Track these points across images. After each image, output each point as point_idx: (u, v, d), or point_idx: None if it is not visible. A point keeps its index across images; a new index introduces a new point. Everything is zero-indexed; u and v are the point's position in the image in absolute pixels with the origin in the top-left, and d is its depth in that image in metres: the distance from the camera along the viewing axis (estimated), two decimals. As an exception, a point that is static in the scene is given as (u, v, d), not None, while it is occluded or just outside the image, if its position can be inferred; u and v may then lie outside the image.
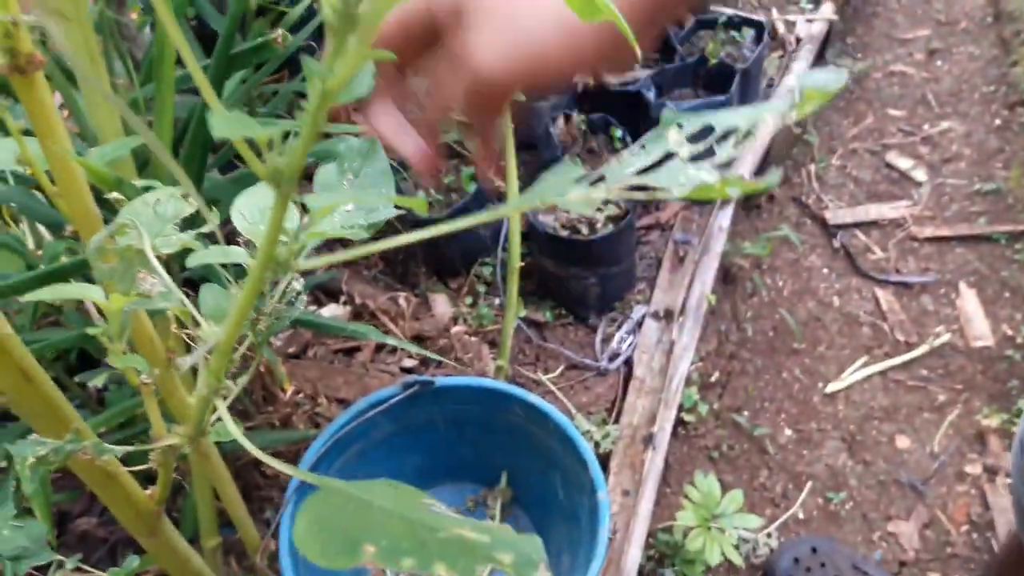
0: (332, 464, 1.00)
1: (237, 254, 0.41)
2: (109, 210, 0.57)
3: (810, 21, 2.04)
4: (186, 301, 0.39)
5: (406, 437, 1.06)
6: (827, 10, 2.12)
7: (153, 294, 0.38)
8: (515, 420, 1.04)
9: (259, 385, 1.11)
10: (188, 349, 0.92)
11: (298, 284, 0.45)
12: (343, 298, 1.42)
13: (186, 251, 0.41)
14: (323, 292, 1.45)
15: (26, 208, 0.84)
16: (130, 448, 0.45)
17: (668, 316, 1.36)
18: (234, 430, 0.48)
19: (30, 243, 0.94)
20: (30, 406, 0.42)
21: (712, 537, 1.18)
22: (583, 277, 1.34)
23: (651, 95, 1.43)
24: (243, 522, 0.90)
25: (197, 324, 0.45)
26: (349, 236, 0.44)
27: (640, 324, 1.37)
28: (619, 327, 1.39)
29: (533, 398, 1.00)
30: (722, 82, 1.53)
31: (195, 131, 0.70)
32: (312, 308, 1.42)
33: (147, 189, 0.59)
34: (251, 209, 0.42)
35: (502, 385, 1.02)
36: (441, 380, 1.01)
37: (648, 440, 1.23)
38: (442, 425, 1.07)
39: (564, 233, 1.31)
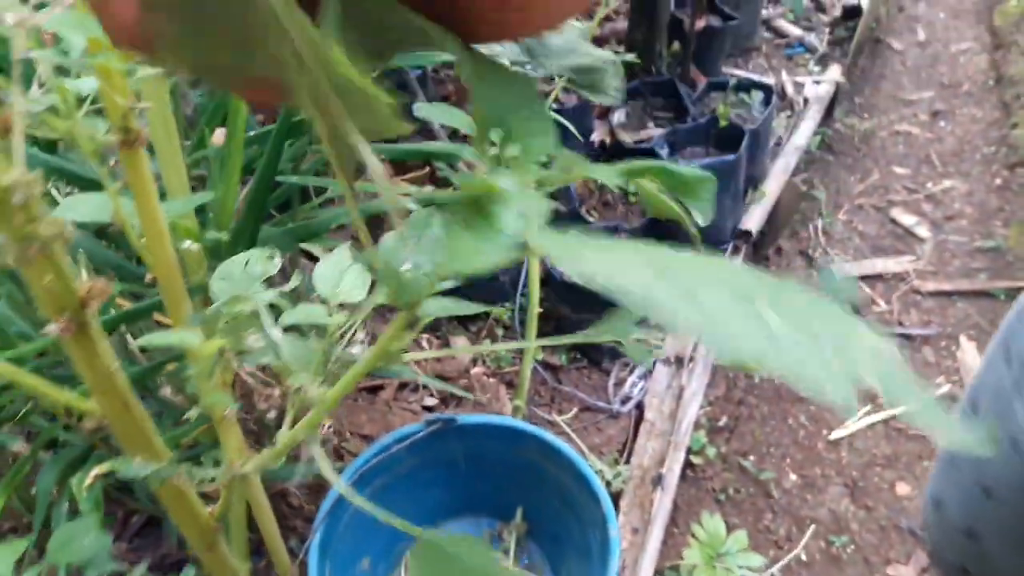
0: (363, 489, 1.07)
1: (319, 314, 0.49)
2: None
3: (818, 83, 2.14)
4: (280, 353, 0.47)
5: (427, 472, 1.13)
6: (834, 72, 2.22)
7: (255, 348, 0.45)
8: (531, 457, 1.10)
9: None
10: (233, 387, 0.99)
11: (360, 333, 0.52)
12: (367, 339, 1.50)
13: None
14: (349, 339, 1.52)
15: (92, 254, 0.93)
16: (209, 472, 0.53)
17: (679, 362, 1.42)
18: (327, 470, 0.55)
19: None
20: (127, 431, 0.50)
21: (717, 574, 1.23)
22: (596, 322, 1.41)
23: (664, 152, 1.52)
24: (277, 547, 0.96)
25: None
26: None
27: (651, 370, 1.44)
28: (631, 372, 1.46)
29: (549, 436, 1.07)
30: (732, 142, 1.62)
31: (257, 185, 0.79)
32: (339, 347, 1.50)
33: (218, 244, 0.68)
34: (330, 272, 0.50)
35: (520, 424, 1.09)
36: (462, 418, 1.09)
37: (657, 481, 1.29)
38: (462, 461, 1.13)
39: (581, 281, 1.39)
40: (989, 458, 0.68)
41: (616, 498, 1.32)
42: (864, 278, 1.94)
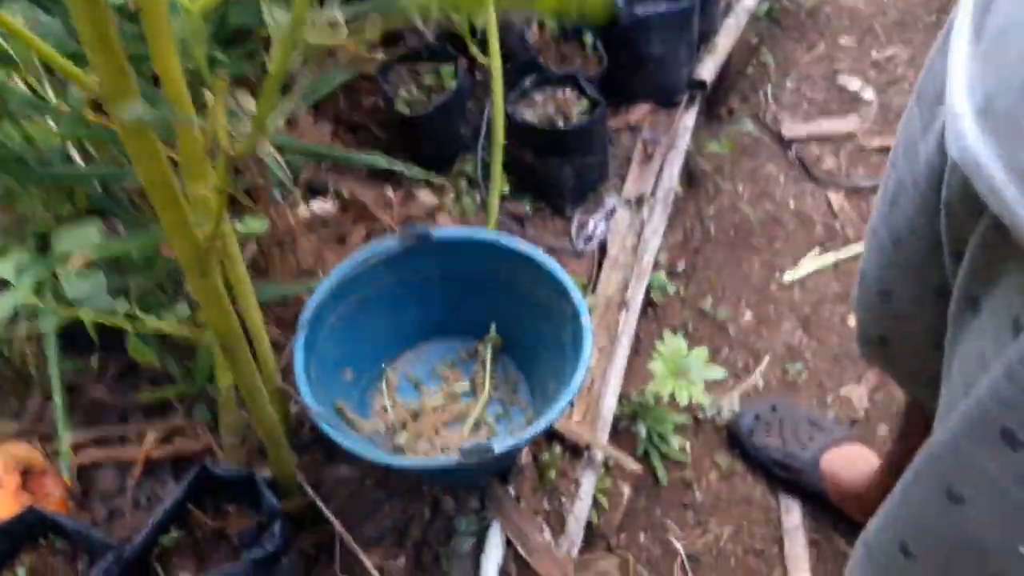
0: (336, 307, 1.11)
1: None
2: None
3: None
4: None
5: (404, 290, 1.18)
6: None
7: None
8: (505, 268, 1.15)
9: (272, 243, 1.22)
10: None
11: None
12: (330, 194, 1.53)
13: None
14: (311, 189, 1.55)
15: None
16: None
17: (639, 202, 1.48)
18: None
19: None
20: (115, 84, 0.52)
21: (680, 385, 1.31)
22: (560, 167, 1.46)
23: (620, 2, 1.56)
24: (262, 341, 1.01)
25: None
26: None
27: (613, 212, 1.50)
28: (592, 216, 1.52)
29: (522, 245, 1.12)
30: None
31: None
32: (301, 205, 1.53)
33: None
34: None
35: (492, 235, 1.14)
36: (439, 231, 1.13)
37: (622, 305, 1.36)
38: (437, 279, 1.18)
39: (543, 125, 1.44)
40: (896, 217, 0.72)
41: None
42: (813, 138, 2.02)
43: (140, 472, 1.29)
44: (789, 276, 1.74)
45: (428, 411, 1.19)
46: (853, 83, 2.13)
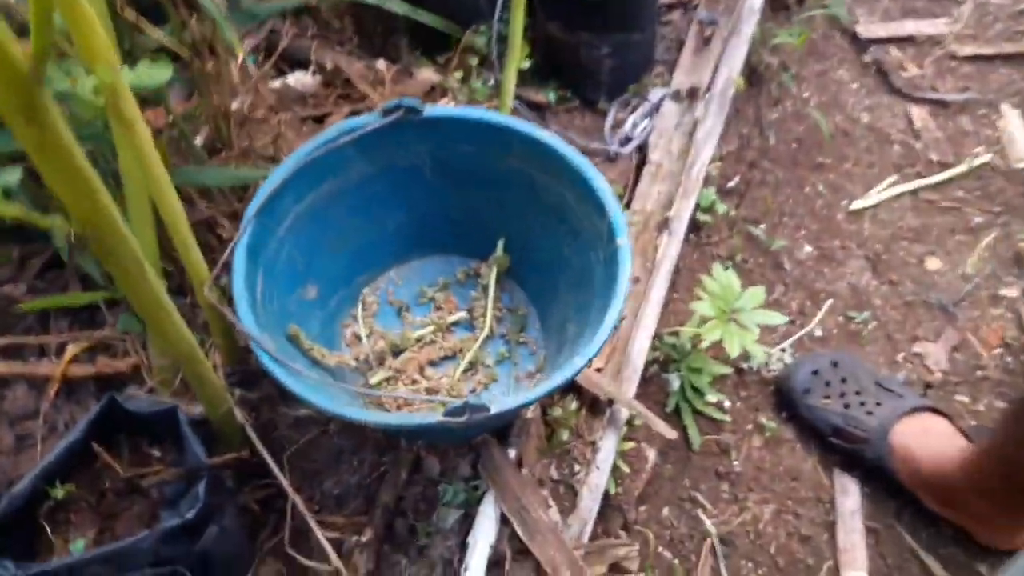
0: (302, 198, 0.84)
1: None
2: None
3: None
4: None
5: (386, 183, 0.90)
6: None
7: None
8: (516, 166, 0.87)
9: (212, 124, 0.94)
10: None
11: None
12: (312, 67, 1.23)
13: None
14: (288, 62, 1.25)
15: None
16: None
17: (692, 95, 1.18)
18: None
19: None
20: None
21: (731, 331, 1.04)
22: (596, 46, 1.15)
23: None
24: (189, 250, 0.74)
25: None
26: None
27: (658, 107, 1.20)
28: (632, 111, 1.22)
29: (540, 133, 0.84)
30: None
31: None
32: (275, 78, 1.23)
33: None
34: None
35: (502, 118, 0.85)
36: (430, 108, 0.84)
37: (664, 225, 1.08)
38: (429, 172, 0.90)
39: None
40: None
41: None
42: (893, 40, 1.69)
43: (56, 392, 1.05)
44: (858, 204, 1.45)
45: (412, 344, 0.93)
46: (946, -22, 1.78)
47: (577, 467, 0.94)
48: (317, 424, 0.95)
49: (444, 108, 0.84)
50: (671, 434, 1.00)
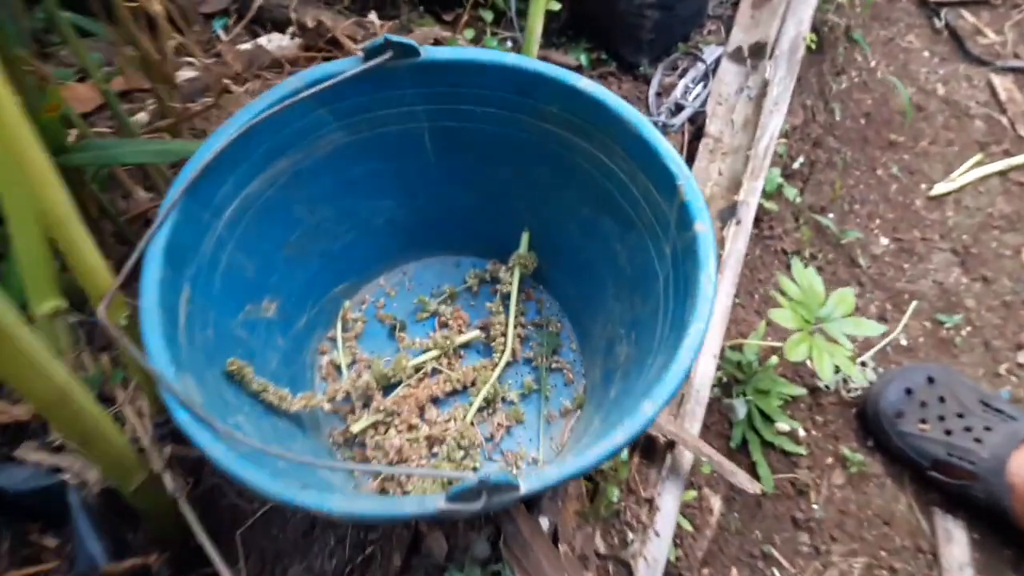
0: (250, 178, 0.60)
1: None
2: None
3: None
4: None
5: (371, 158, 0.66)
6: None
7: None
8: (548, 129, 0.63)
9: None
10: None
11: None
12: (291, 29, 1.00)
13: None
14: (262, 24, 1.02)
15: None
16: None
17: (756, 53, 0.94)
18: None
19: None
20: None
21: (819, 345, 0.81)
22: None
23: None
24: (80, 252, 0.50)
25: None
26: None
27: (714, 69, 0.96)
28: (681, 75, 0.98)
29: (582, 81, 0.60)
30: None
31: None
32: (245, 40, 1.00)
33: None
34: None
35: (530, 62, 0.61)
36: (431, 50, 0.60)
37: (731, 212, 0.84)
38: (429, 142, 0.66)
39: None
40: None
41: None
42: (967, 3, 1.45)
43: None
44: (939, 189, 1.21)
45: (409, 375, 0.69)
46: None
47: (630, 535, 0.70)
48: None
49: (449, 49, 0.60)
50: (756, 487, 0.76)
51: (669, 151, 0.56)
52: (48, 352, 0.44)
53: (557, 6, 0.93)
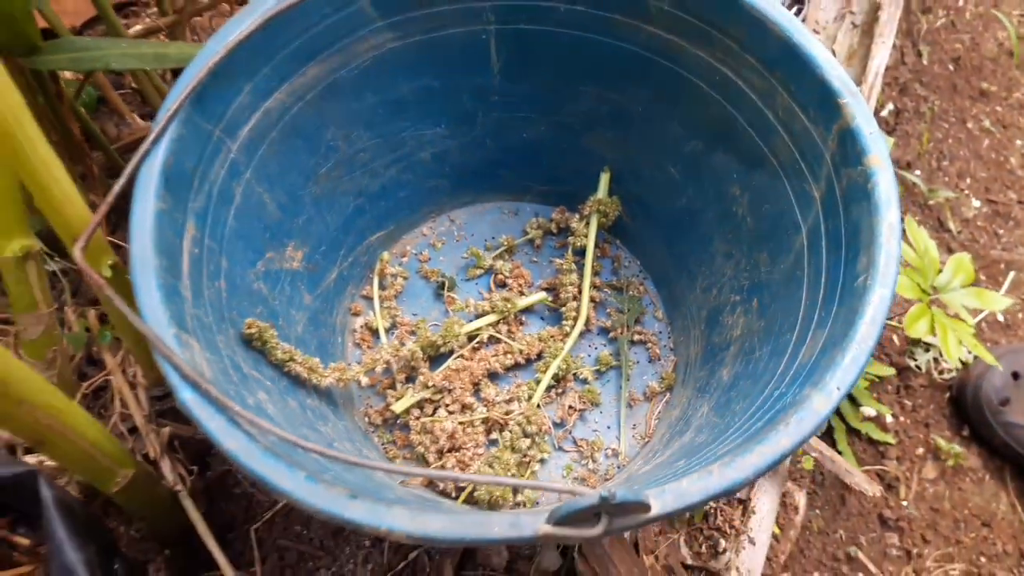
0: (273, 90, 0.46)
1: None
2: None
3: None
4: None
5: (421, 69, 0.52)
6: None
7: None
8: (650, 34, 0.50)
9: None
10: None
11: None
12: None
13: None
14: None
15: None
16: None
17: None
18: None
19: None
20: None
21: (943, 322, 0.68)
22: None
23: None
24: (45, 179, 0.37)
25: None
26: None
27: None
28: None
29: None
30: None
31: None
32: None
33: None
34: None
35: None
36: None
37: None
38: (495, 49, 0.52)
39: None
40: None
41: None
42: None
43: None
44: (1037, 146, 1.08)
45: (461, 344, 0.57)
46: None
47: (722, 542, 0.58)
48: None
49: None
50: (875, 489, 0.64)
51: (828, 60, 0.43)
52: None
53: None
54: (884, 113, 1.01)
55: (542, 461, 0.54)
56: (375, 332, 0.58)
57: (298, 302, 0.51)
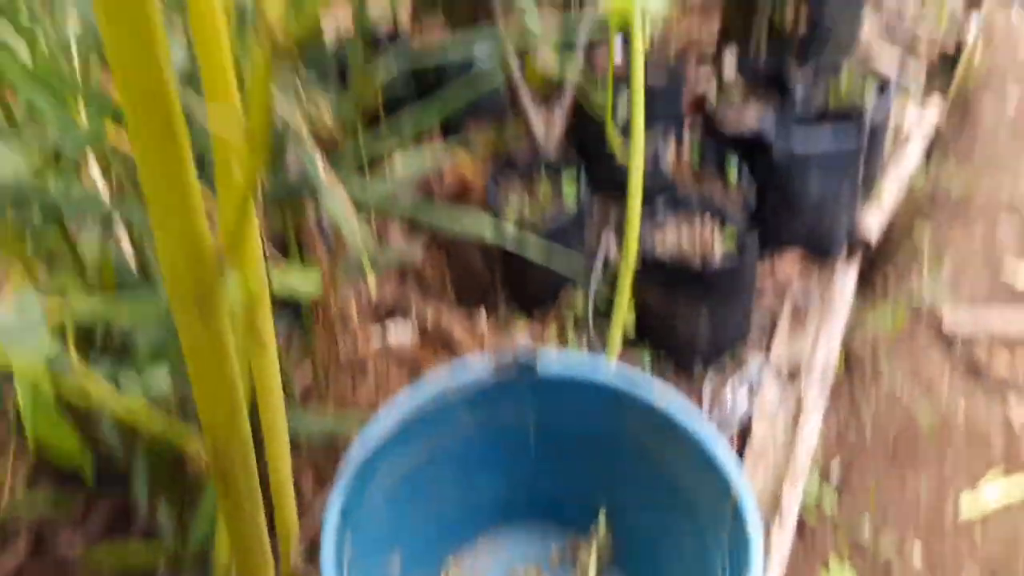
0: (392, 460, 0.77)
1: None
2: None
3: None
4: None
5: (486, 444, 0.83)
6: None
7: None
8: (629, 434, 0.80)
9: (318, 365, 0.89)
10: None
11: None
12: (411, 318, 1.23)
13: None
14: (388, 313, 1.26)
15: None
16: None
17: (792, 377, 1.14)
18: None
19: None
20: None
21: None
22: (693, 312, 1.14)
23: (773, 134, 1.31)
24: (284, 495, 0.66)
25: None
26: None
27: (759, 383, 1.15)
28: (729, 382, 1.17)
29: (657, 398, 0.78)
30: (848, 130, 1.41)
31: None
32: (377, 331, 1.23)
33: None
34: None
35: (622, 381, 0.79)
36: (547, 363, 0.80)
37: (771, 517, 0.98)
38: (533, 430, 0.84)
39: (676, 261, 1.14)
40: None
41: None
42: (983, 337, 1.66)
43: None
44: (968, 514, 1.32)
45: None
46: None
47: None
48: None
49: (559, 364, 0.79)
50: None
51: (727, 461, 0.72)
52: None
53: (631, 318, 1.16)
54: (831, 478, 1.28)
55: None
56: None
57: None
